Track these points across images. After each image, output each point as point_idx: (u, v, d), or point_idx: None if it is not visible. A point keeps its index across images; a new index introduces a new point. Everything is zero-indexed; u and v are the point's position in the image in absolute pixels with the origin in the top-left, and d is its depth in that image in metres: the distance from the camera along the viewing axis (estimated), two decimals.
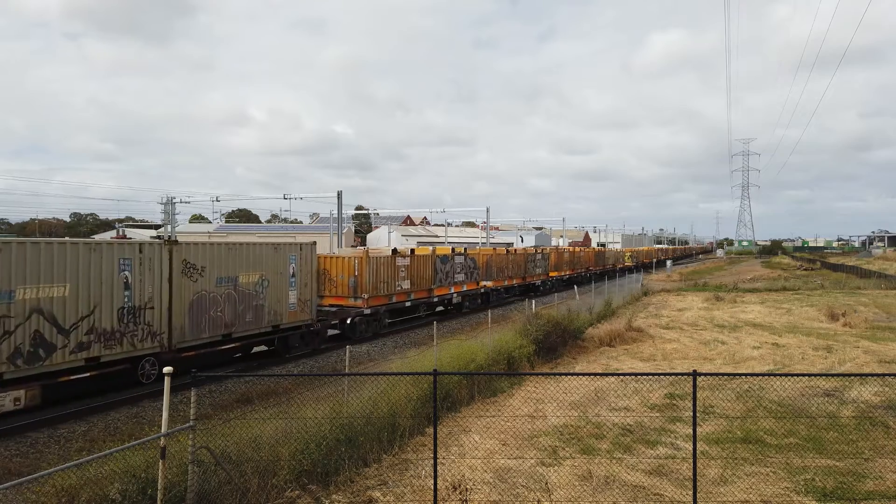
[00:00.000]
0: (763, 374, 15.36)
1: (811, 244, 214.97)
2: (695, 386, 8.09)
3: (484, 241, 64.40)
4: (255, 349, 20.43)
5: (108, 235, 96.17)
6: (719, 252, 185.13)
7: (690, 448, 8.51)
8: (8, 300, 12.53)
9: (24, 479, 5.97)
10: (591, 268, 58.55)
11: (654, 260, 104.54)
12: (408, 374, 11.78)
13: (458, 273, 32.03)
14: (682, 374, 9.28)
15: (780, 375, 13.78)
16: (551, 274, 47.42)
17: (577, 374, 16.18)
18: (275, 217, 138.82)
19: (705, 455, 10.08)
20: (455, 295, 32.15)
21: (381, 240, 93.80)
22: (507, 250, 43.86)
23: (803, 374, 13.86)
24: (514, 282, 41.31)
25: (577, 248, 56.94)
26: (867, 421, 11.95)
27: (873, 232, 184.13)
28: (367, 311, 24.20)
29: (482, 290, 35.71)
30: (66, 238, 14.15)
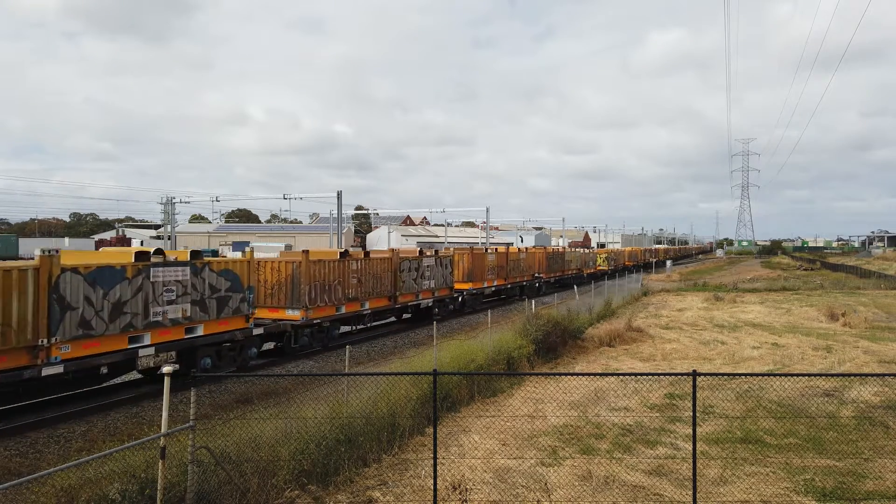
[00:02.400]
0: (763, 374, 15.36)
1: (811, 244, 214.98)
2: (694, 386, 8.09)
3: (484, 241, 64.36)
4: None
5: (107, 235, 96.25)
6: (719, 252, 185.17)
7: (690, 448, 8.51)
8: None
9: (24, 479, 5.97)
10: (540, 275, 45.96)
11: (643, 262, 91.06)
12: (407, 374, 11.78)
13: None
14: (682, 375, 9.28)
15: (780, 375, 13.78)
16: (459, 286, 33.22)
17: (577, 374, 16.18)
18: (274, 217, 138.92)
19: (705, 455, 10.08)
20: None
21: (381, 240, 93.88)
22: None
23: (803, 374, 13.88)
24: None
25: (518, 250, 43.93)
26: (867, 421, 11.95)
27: (873, 232, 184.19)
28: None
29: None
30: None
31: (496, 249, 39.85)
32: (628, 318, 25.28)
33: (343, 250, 23.67)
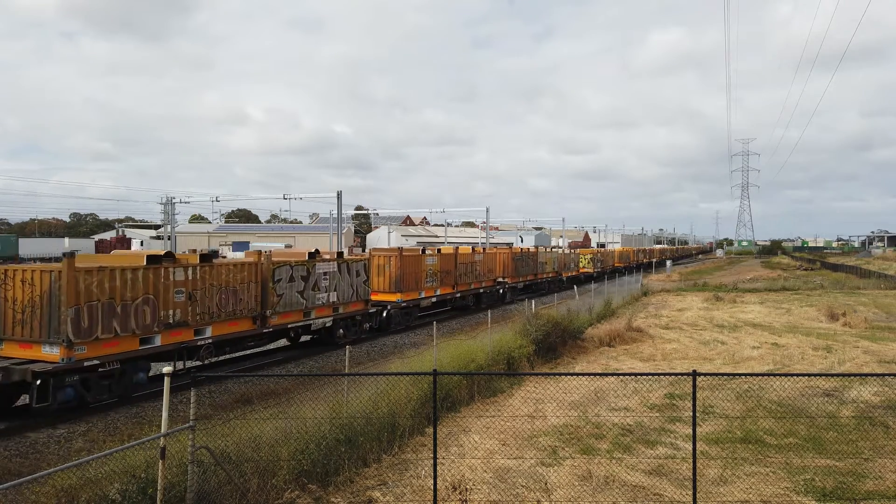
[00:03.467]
0: (763, 374, 15.35)
1: (811, 244, 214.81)
2: (694, 386, 8.09)
3: (484, 241, 64.33)
4: None
5: (107, 235, 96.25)
6: (719, 252, 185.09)
7: (690, 448, 8.51)
8: None
9: (24, 479, 5.97)
10: (505, 279, 39.00)
11: (636, 263, 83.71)
12: (408, 374, 11.79)
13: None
14: (682, 374, 9.28)
15: (780, 375, 13.78)
16: (376, 296, 26.44)
17: (577, 375, 16.18)
18: (274, 217, 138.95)
19: (705, 455, 10.08)
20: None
21: (381, 240, 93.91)
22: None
23: (803, 374, 13.89)
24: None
25: (473, 250, 36.14)
26: (867, 421, 11.95)
27: (873, 232, 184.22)
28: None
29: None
30: None
31: (438, 250, 32.69)
32: (628, 318, 25.28)
33: (166, 252, 17.50)
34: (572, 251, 62.32)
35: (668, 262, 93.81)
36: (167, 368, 7.69)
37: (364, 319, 24.74)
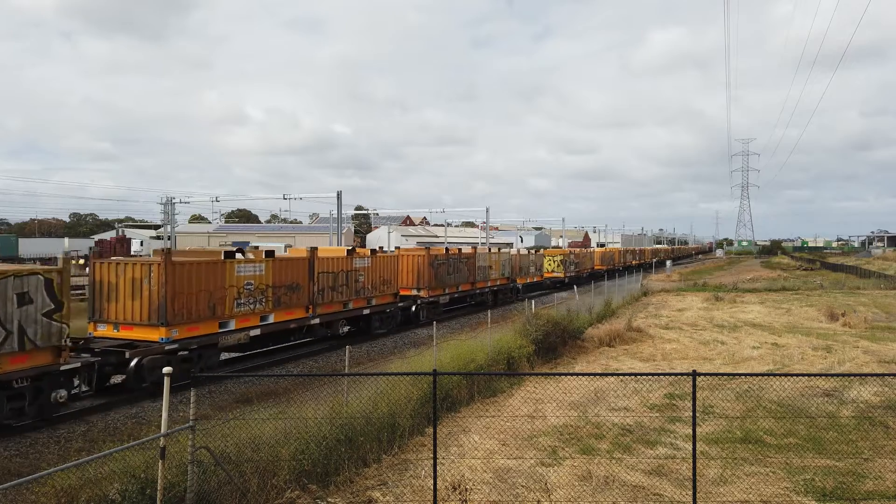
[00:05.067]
0: (762, 374, 15.36)
1: (811, 244, 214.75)
2: (694, 386, 8.10)
3: (483, 241, 64.34)
4: None
5: (107, 235, 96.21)
6: (719, 252, 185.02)
7: (690, 448, 8.51)
8: None
9: (24, 479, 5.97)
10: (418, 291, 28.65)
11: (623, 266, 73.19)
12: (408, 374, 11.79)
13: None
14: (682, 374, 9.30)
15: (780, 375, 13.79)
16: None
17: (577, 375, 16.18)
18: (274, 217, 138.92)
19: (705, 455, 10.08)
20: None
21: (381, 240, 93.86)
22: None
23: (803, 374, 13.88)
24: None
25: (348, 253, 23.41)
26: (867, 421, 11.95)
27: (873, 232, 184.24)
28: None
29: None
30: None
31: (270, 253, 20.37)
32: (628, 318, 25.28)
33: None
34: (530, 252, 49.97)
35: (668, 262, 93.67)
36: (167, 369, 7.69)
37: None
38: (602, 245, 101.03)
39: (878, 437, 11.10)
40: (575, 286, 39.27)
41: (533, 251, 51.17)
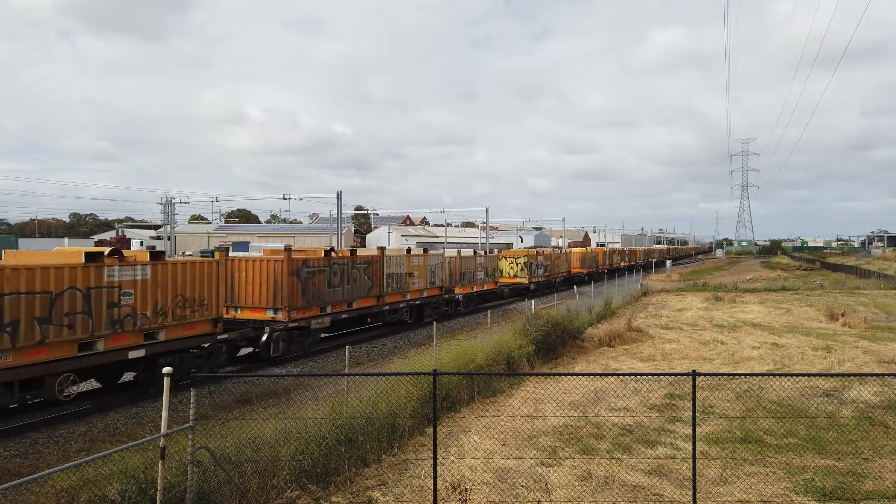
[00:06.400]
0: (762, 374, 15.36)
1: (811, 244, 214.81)
2: (694, 386, 8.10)
3: (483, 241, 64.31)
4: None
5: (107, 236, 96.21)
6: (719, 252, 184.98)
7: (690, 448, 8.51)
8: None
9: (23, 479, 5.97)
10: (277, 315, 19.33)
11: (608, 269, 62.76)
12: (408, 374, 11.78)
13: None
14: (682, 375, 9.29)
15: (780, 375, 13.79)
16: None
17: (577, 375, 16.18)
18: (274, 217, 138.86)
19: (705, 455, 10.08)
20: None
21: (381, 240, 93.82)
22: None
23: (803, 374, 13.87)
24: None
25: (154, 260, 14.51)
26: (867, 421, 11.95)
27: (873, 232, 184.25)
28: None
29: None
30: None
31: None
32: (628, 318, 25.28)
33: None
34: (478, 253, 38.08)
35: (668, 263, 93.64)
36: (167, 369, 7.69)
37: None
38: (602, 244, 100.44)
39: (878, 437, 11.10)
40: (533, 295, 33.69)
41: (483, 252, 40.39)
